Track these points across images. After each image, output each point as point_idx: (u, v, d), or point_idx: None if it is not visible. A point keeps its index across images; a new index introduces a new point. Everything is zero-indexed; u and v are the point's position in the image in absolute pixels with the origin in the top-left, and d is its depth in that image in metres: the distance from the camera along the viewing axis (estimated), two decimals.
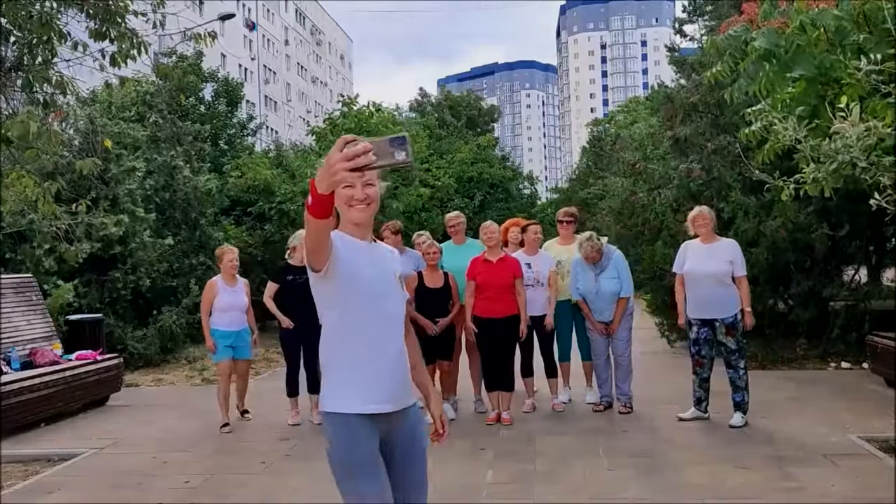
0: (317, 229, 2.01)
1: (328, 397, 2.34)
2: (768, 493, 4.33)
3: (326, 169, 1.80)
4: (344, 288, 2.25)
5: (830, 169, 3.62)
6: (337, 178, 1.79)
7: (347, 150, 1.76)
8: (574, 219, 7.23)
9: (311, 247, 2.11)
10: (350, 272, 2.25)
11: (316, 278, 2.24)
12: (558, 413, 6.55)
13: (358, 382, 2.29)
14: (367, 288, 2.29)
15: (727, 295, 5.86)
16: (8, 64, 5.89)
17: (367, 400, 2.30)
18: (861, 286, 9.34)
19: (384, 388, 2.32)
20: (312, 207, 1.91)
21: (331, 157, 1.78)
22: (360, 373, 2.29)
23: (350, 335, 2.29)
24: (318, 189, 1.86)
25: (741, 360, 5.85)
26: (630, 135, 18.44)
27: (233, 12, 27.75)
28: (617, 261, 6.48)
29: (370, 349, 2.30)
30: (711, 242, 6.01)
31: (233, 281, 6.42)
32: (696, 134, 9.48)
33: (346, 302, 2.26)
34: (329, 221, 1.98)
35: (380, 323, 2.33)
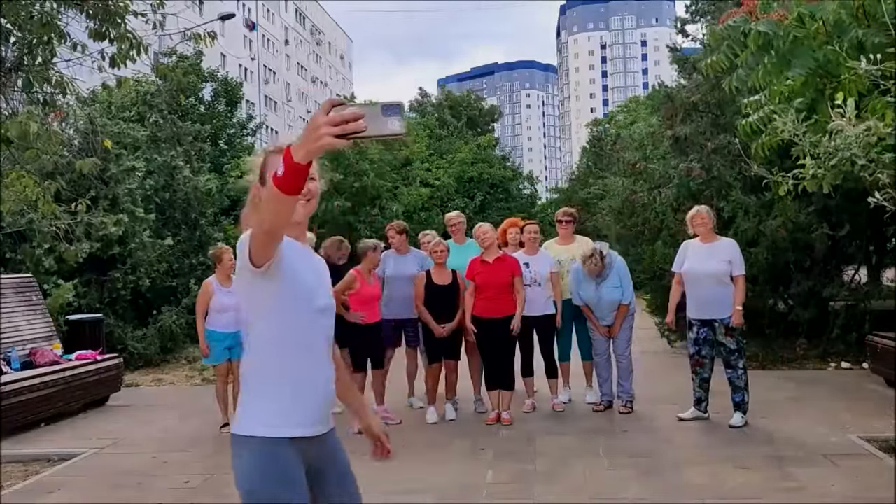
0: (283, 209, 1.67)
1: (250, 418, 1.96)
2: (768, 493, 4.33)
3: (309, 133, 1.54)
4: (286, 292, 1.94)
5: (830, 166, 3.62)
6: (322, 144, 1.53)
7: (335, 114, 1.53)
8: (573, 219, 7.22)
9: (268, 231, 1.75)
10: (294, 275, 1.96)
11: (253, 276, 1.88)
12: (558, 413, 6.55)
13: (294, 401, 1.97)
14: (308, 296, 2.01)
15: (727, 295, 5.85)
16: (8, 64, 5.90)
17: (301, 422, 1.98)
18: (861, 286, 9.34)
19: (319, 408, 2.03)
20: (283, 180, 1.59)
21: (315, 119, 1.54)
22: (298, 391, 1.97)
23: (289, 348, 1.97)
24: (295, 157, 1.56)
25: (740, 360, 5.85)
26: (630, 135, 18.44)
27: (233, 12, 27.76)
28: (619, 268, 6.47)
29: (310, 365, 2.01)
30: (711, 242, 6.01)
31: (228, 281, 6.34)
32: (696, 133, 9.48)
33: (285, 309, 1.96)
34: (296, 200, 1.67)
35: (319, 337, 2.05)
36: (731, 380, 5.90)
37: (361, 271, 6.19)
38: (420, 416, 6.58)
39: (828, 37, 3.69)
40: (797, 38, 3.77)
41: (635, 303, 6.65)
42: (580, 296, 6.51)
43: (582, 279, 6.49)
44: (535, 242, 6.77)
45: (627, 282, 6.48)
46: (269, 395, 1.96)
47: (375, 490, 4.62)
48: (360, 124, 1.53)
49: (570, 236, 7.12)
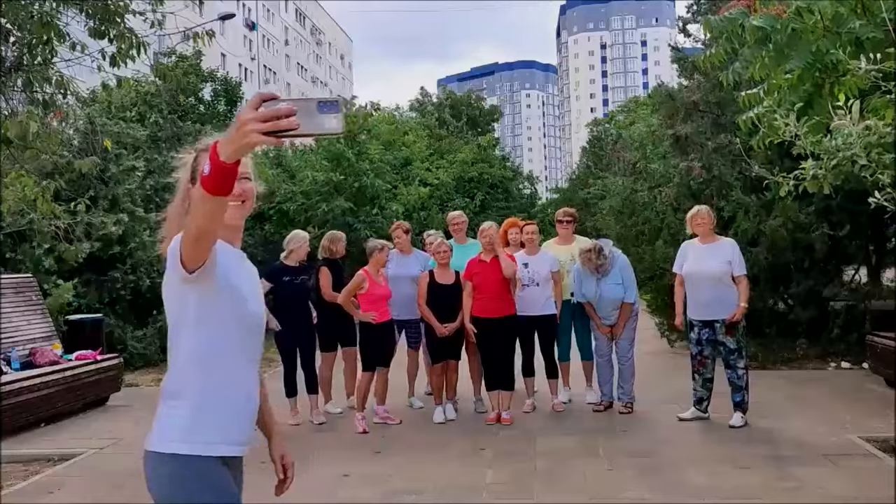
0: (211, 210, 1.54)
1: (176, 435, 1.78)
2: (768, 493, 4.33)
3: (235, 129, 1.42)
4: (219, 300, 1.80)
5: (830, 166, 3.61)
6: (248, 142, 1.41)
7: (265, 110, 1.40)
8: (573, 219, 7.22)
9: (197, 235, 1.61)
10: (227, 283, 1.81)
11: (182, 282, 1.73)
12: (558, 413, 6.55)
13: (224, 417, 1.82)
14: (242, 305, 1.86)
15: (727, 295, 5.85)
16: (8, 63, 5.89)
17: (233, 439, 1.85)
18: (861, 286, 9.34)
19: (247, 426, 1.90)
20: (210, 180, 1.47)
21: (242, 114, 1.41)
22: (229, 406, 1.83)
23: (220, 359, 1.82)
24: (221, 155, 1.44)
25: (740, 360, 5.84)
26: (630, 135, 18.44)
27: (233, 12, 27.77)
28: (622, 266, 6.46)
29: (241, 379, 1.86)
30: (710, 242, 6.00)
31: None
32: (696, 132, 9.48)
33: (217, 319, 1.81)
34: (226, 202, 1.55)
35: (250, 349, 1.91)
36: (730, 380, 5.89)
37: (370, 271, 6.20)
38: (420, 416, 6.59)
39: (826, 30, 3.68)
40: (795, 32, 3.77)
41: (639, 303, 6.63)
42: (582, 293, 6.52)
43: (584, 276, 6.49)
44: (534, 243, 6.77)
45: (630, 280, 6.47)
46: (203, 409, 1.79)
47: (375, 490, 4.63)
48: (293, 121, 1.41)
49: (570, 236, 7.12)
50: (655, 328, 10.48)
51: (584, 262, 6.37)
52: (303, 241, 6.59)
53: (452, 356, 6.44)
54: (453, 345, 6.41)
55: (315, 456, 5.48)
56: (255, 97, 1.43)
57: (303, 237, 6.66)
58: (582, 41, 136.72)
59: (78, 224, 8.61)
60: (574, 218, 7.25)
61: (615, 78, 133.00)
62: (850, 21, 3.56)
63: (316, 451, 5.60)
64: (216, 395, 1.81)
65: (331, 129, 1.46)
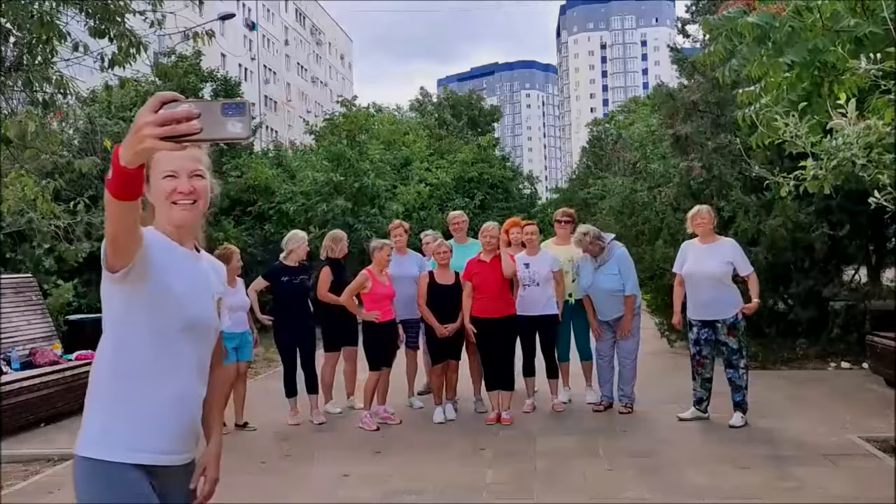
0: (118, 214, 1.49)
1: (92, 438, 1.73)
2: (768, 493, 4.33)
3: (133, 133, 1.34)
4: (147, 303, 1.73)
5: (830, 166, 3.62)
6: (145, 147, 1.33)
7: (163, 113, 1.32)
8: (572, 219, 7.23)
9: (112, 236, 1.57)
10: (162, 283, 1.74)
11: (111, 281, 1.69)
12: (558, 413, 6.55)
13: (141, 424, 1.75)
14: (176, 309, 1.77)
15: (727, 295, 5.85)
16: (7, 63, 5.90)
17: (154, 446, 1.76)
18: (861, 286, 9.34)
19: (174, 434, 1.81)
20: (113, 184, 1.42)
21: (140, 117, 1.33)
22: (148, 412, 1.75)
23: (139, 363, 1.74)
24: (121, 159, 1.38)
25: (742, 360, 5.84)
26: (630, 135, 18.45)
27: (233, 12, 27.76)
28: (620, 258, 6.46)
29: (167, 385, 1.77)
30: (710, 242, 6.00)
31: (233, 282, 6.27)
32: (697, 132, 9.48)
33: (144, 321, 1.74)
34: (135, 205, 1.50)
35: (182, 353, 1.80)
36: (731, 380, 5.89)
37: (373, 271, 6.20)
38: (420, 416, 6.59)
39: (824, 28, 3.68)
40: (793, 30, 3.77)
41: (640, 301, 6.62)
42: (581, 284, 6.52)
43: (582, 267, 6.51)
44: (535, 243, 6.77)
45: (629, 273, 6.46)
46: (117, 413, 1.73)
47: (375, 490, 4.62)
48: (194, 125, 1.33)
49: (568, 237, 7.12)
50: (655, 328, 10.47)
51: (577, 242, 6.43)
52: (301, 241, 6.59)
53: (452, 356, 6.44)
54: (453, 345, 6.41)
55: (315, 456, 5.48)
56: (153, 98, 1.35)
57: (301, 237, 6.65)
58: (582, 41, 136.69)
59: (78, 224, 8.61)
60: (573, 218, 7.26)
61: (615, 78, 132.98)
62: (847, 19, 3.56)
63: (316, 451, 5.60)
64: (132, 400, 1.74)
65: (235, 134, 1.37)
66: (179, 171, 1.80)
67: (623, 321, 6.39)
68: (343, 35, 77.89)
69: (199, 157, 1.85)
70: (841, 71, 3.63)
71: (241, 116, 1.37)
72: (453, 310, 6.29)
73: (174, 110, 1.33)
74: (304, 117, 60.10)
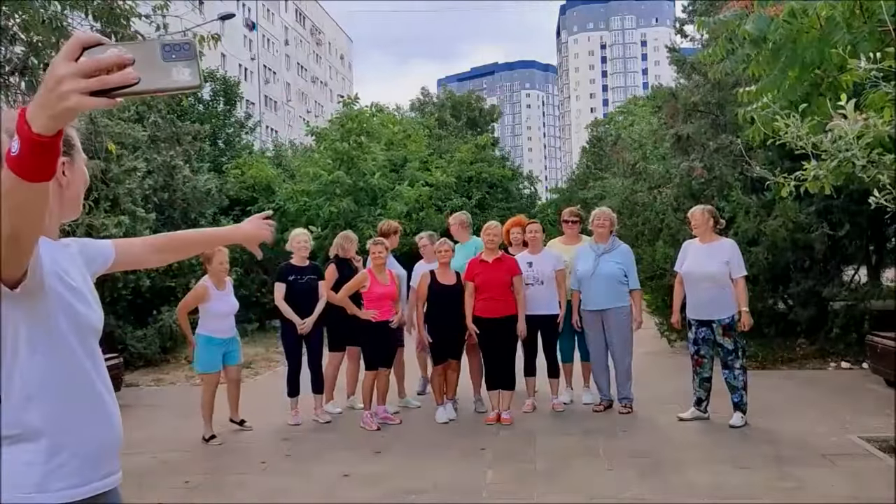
0: (25, 202, 1.12)
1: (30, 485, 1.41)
2: (768, 493, 4.33)
3: (48, 89, 1.04)
4: (55, 311, 1.42)
5: (831, 167, 3.62)
6: (68, 106, 1.03)
7: (88, 61, 1.03)
8: (579, 219, 7.24)
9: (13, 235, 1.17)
10: (63, 286, 1.45)
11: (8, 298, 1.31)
12: (558, 413, 6.55)
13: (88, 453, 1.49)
14: (85, 316, 1.51)
15: (725, 296, 5.86)
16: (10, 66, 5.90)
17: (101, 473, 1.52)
18: (861, 286, 9.34)
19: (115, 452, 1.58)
20: (22, 161, 1.06)
21: (55, 68, 1.04)
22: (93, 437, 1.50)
23: (71, 386, 1.46)
24: (33, 125, 1.04)
25: (737, 361, 5.85)
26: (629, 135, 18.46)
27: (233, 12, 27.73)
28: (624, 252, 6.56)
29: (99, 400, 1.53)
30: (710, 243, 6.01)
31: (222, 284, 6.21)
32: (697, 133, 9.49)
33: (58, 335, 1.43)
34: (48, 188, 1.13)
35: (99, 368, 1.55)
36: (727, 380, 5.90)
37: (372, 269, 6.22)
38: (420, 416, 6.59)
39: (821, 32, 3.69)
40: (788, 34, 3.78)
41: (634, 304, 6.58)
42: (577, 272, 6.50)
43: (583, 253, 6.55)
44: (538, 241, 6.77)
45: (631, 266, 6.50)
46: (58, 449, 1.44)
47: (376, 490, 4.63)
48: (129, 74, 1.04)
49: (576, 236, 7.12)
50: (655, 328, 10.48)
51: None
52: (299, 240, 6.57)
53: (453, 356, 6.44)
54: (454, 345, 6.40)
55: (315, 456, 5.48)
56: (72, 41, 1.05)
57: (300, 236, 6.64)
58: (582, 41, 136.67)
59: (79, 225, 8.62)
60: (580, 218, 7.27)
61: (615, 78, 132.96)
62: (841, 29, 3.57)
63: (316, 451, 5.60)
64: (78, 429, 1.47)
65: (183, 82, 1.09)
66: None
67: (635, 314, 6.44)
68: (343, 35, 77.88)
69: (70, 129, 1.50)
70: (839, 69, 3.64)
71: (188, 60, 1.09)
72: (454, 310, 6.29)
73: (101, 56, 1.04)
74: (304, 117, 60.11)
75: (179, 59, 1.09)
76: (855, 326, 8.67)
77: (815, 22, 3.74)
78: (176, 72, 1.08)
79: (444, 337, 6.31)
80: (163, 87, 1.09)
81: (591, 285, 6.42)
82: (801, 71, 3.83)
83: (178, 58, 1.09)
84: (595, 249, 6.49)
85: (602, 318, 6.44)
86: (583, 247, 6.71)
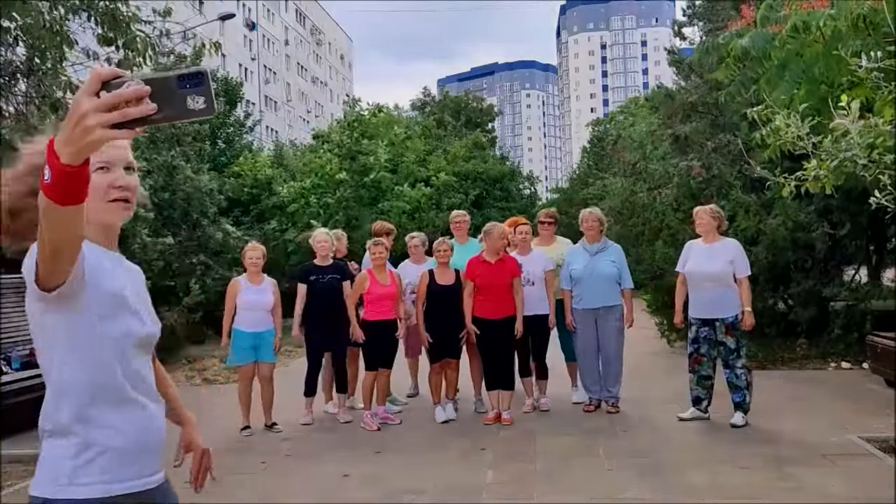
0: (62, 222, 1.24)
1: (72, 477, 1.51)
2: (768, 493, 4.33)
3: (73, 123, 1.11)
4: (94, 317, 1.51)
5: (832, 167, 3.62)
6: (93, 139, 1.11)
7: (109, 96, 1.10)
8: (554, 220, 7.29)
9: (53, 250, 1.31)
10: (103, 288, 1.53)
11: (46, 303, 1.46)
12: (558, 413, 6.54)
13: (120, 452, 1.56)
14: (125, 311, 1.59)
15: (727, 295, 5.86)
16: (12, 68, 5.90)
17: (135, 472, 1.59)
18: (861, 286, 9.34)
19: (153, 453, 1.65)
20: (53, 189, 1.16)
21: (78, 103, 1.11)
22: (125, 437, 1.57)
23: (105, 387, 1.55)
24: (61, 156, 1.13)
25: (739, 360, 5.84)
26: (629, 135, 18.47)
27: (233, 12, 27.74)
28: (617, 250, 6.61)
29: (135, 404, 1.60)
30: (713, 243, 6.01)
31: (257, 279, 6.24)
32: (696, 132, 9.49)
33: (99, 334, 1.52)
34: (82, 209, 1.23)
35: (144, 361, 1.65)
36: (728, 380, 5.89)
37: (372, 270, 6.22)
38: (420, 416, 6.58)
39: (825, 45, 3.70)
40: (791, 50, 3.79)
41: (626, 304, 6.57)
42: (570, 273, 6.50)
43: (575, 254, 6.56)
44: (527, 243, 6.77)
45: (624, 265, 6.53)
46: (89, 446, 1.53)
47: (376, 490, 4.63)
48: (149, 107, 1.12)
49: (550, 238, 7.15)
50: (655, 328, 10.48)
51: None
52: (321, 240, 6.53)
53: (452, 355, 6.43)
54: (453, 344, 6.39)
55: (315, 456, 5.48)
56: (92, 77, 1.12)
57: (320, 236, 6.63)
58: (582, 41, 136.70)
59: None
60: (555, 219, 7.33)
61: (615, 78, 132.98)
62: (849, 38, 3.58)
63: (316, 451, 5.60)
64: (107, 429, 1.54)
65: (198, 110, 1.15)
66: (113, 162, 1.56)
67: (626, 313, 6.45)
68: (343, 35, 77.88)
69: (128, 146, 1.62)
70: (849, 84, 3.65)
71: (201, 87, 1.15)
72: (453, 311, 6.28)
73: (121, 91, 1.11)
74: (305, 117, 60.09)
75: (193, 88, 1.15)
76: (855, 326, 8.67)
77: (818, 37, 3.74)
78: (191, 100, 1.15)
79: (442, 336, 6.30)
80: (179, 116, 1.17)
81: (586, 284, 6.42)
82: (809, 86, 3.83)
83: (192, 87, 1.15)
84: (588, 249, 6.50)
85: (595, 317, 6.45)
86: (574, 247, 6.74)
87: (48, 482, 1.53)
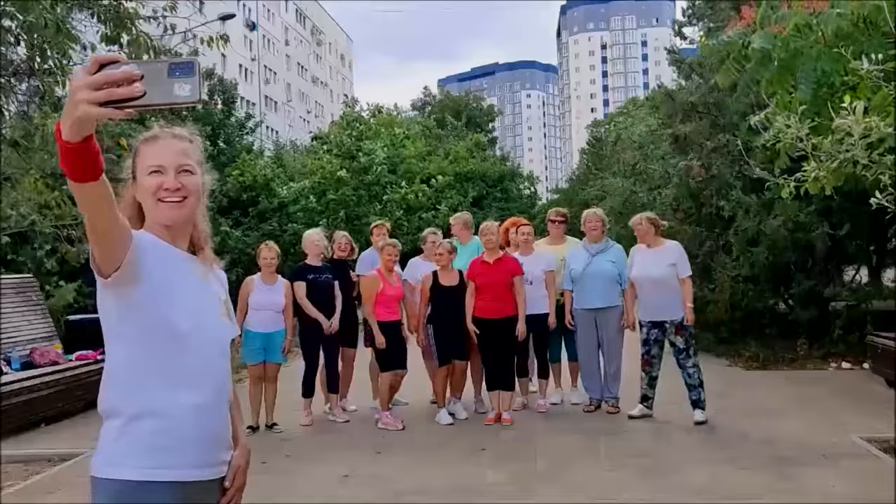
0: (84, 200, 1.33)
1: (115, 457, 1.59)
2: (768, 493, 4.33)
3: (69, 99, 1.19)
4: (144, 308, 1.58)
5: (832, 167, 3.62)
6: (80, 115, 1.17)
7: (99, 75, 1.17)
8: (565, 219, 7.26)
9: (91, 227, 1.41)
10: (161, 282, 1.60)
11: (104, 287, 1.55)
12: (558, 413, 6.55)
13: (163, 438, 1.60)
14: (183, 306, 1.64)
15: (673, 297, 6.01)
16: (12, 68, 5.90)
17: (182, 461, 1.62)
18: (862, 286, 9.35)
19: (201, 446, 1.67)
20: (63, 164, 1.26)
21: (73, 81, 1.19)
22: (168, 426, 1.61)
23: (156, 371, 1.61)
24: (63, 134, 1.20)
25: (689, 360, 5.98)
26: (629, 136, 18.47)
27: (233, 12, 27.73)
28: (617, 250, 6.64)
29: (180, 399, 1.62)
30: (656, 247, 6.17)
31: (270, 279, 6.23)
32: (695, 132, 9.49)
33: (143, 329, 1.60)
34: (99, 188, 1.31)
35: (200, 356, 1.67)
36: (683, 379, 6.04)
37: (381, 271, 6.22)
38: (420, 417, 6.58)
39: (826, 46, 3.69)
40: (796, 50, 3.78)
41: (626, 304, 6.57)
42: (570, 272, 6.51)
43: (574, 253, 6.59)
44: (529, 243, 6.77)
45: (625, 268, 6.51)
46: (129, 429, 1.59)
47: (376, 490, 4.63)
48: (136, 89, 1.17)
49: (561, 237, 7.14)
50: None
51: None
52: (313, 240, 6.54)
53: (458, 357, 6.39)
54: (459, 346, 6.34)
55: (316, 456, 5.48)
56: (90, 60, 1.19)
57: (312, 236, 6.62)
58: (582, 41, 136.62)
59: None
60: (566, 218, 7.30)
61: (615, 78, 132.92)
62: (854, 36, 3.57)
63: (317, 452, 5.60)
64: (147, 415, 1.59)
65: (183, 97, 1.22)
66: (166, 166, 1.64)
67: (626, 313, 6.45)
68: (343, 35, 77.88)
69: (187, 150, 1.70)
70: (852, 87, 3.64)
71: (190, 77, 1.21)
72: (457, 311, 6.26)
73: (111, 72, 1.17)
74: (305, 117, 60.08)
75: (182, 76, 1.22)
76: (856, 327, 8.67)
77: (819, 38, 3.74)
78: (178, 87, 1.21)
79: (448, 338, 6.28)
80: (164, 101, 1.22)
81: (587, 284, 6.43)
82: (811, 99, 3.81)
83: (181, 75, 1.22)
84: (589, 249, 6.52)
85: (595, 317, 6.46)
86: (576, 247, 6.76)
87: (97, 461, 1.62)
